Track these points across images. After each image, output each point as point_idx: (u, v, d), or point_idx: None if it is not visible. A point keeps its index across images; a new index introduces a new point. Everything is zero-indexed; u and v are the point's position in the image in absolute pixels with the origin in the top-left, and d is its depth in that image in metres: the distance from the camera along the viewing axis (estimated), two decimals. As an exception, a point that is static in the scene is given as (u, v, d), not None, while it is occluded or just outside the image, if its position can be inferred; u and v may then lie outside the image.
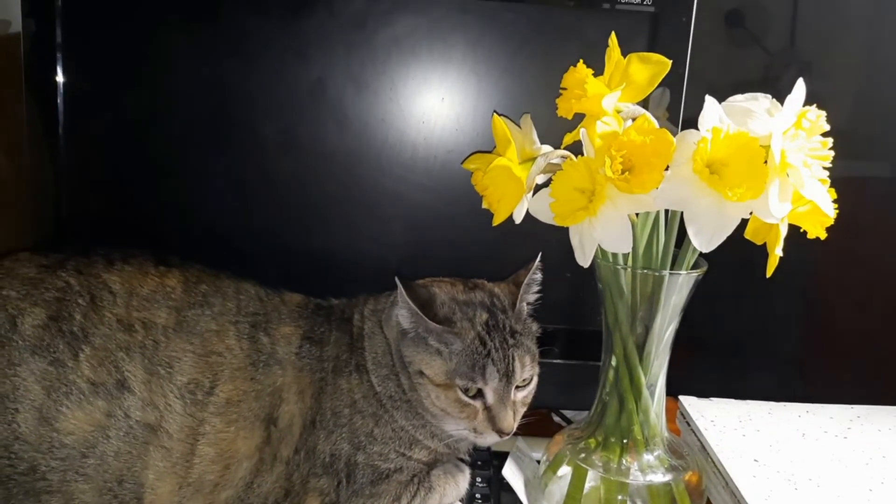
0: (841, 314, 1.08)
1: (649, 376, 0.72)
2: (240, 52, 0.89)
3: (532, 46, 0.89)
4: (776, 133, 0.59)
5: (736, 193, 0.58)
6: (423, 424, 0.77)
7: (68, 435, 0.68)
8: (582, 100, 0.65)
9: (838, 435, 0.86)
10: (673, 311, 0.71)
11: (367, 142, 0.91)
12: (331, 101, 0.90)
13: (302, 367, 0.76)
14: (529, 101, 0.88)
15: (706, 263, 0.70)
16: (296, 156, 0.91)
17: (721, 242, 0.61)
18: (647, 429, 0.74)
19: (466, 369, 0.73)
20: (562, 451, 0.78)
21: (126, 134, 0.91)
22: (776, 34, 1.08)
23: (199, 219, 0.93)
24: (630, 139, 0.61)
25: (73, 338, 0.70)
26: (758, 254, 0.64)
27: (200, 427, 0.71)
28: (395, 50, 0.89)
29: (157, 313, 0.73)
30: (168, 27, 0.89)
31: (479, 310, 0.76)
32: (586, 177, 0.64)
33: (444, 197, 0.91)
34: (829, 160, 0.61)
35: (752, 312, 1.05)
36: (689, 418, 0.88)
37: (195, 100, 0.91)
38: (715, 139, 0.59)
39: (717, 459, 0.80)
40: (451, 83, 0.90)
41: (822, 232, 0.63)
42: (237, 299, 0.77)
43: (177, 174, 0.92)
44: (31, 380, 0.68)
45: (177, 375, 0.72)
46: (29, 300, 0.71)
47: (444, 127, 0.91)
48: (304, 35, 0.88)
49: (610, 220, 0.63)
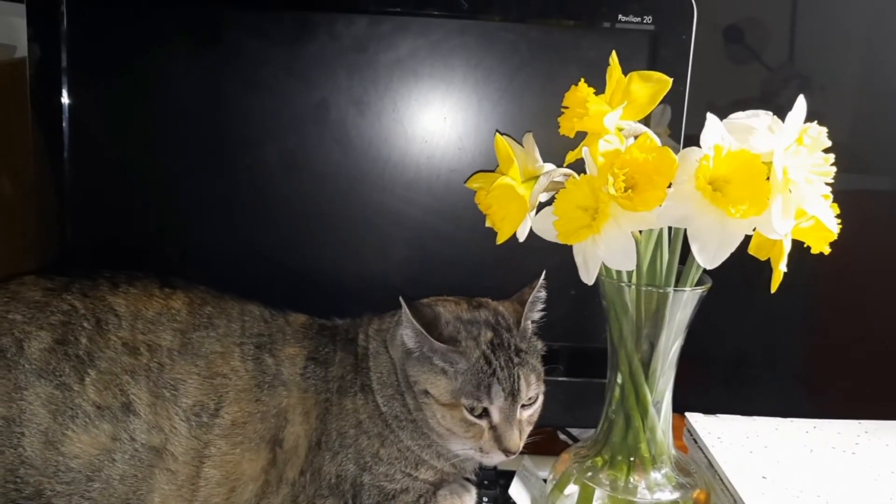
0: (847, 328, 1.07)
1: (655, 393, 0.72)
2: (243, 75, 0.90)
3: (532, 66, 0.90)
4: (778, 150, 0.59)
5: (739, 210, 0.58)
6: (428, 444, 0.77)
7: (74, 458, 0.68)
8: (584, 118, 0.65)
9: (846, 451, 0.86)
10: (678, 327, 0.71)
11: (371, 162, 0.91)
12: (334, 122, 0.90)
13: (307, 388, 0.76)
14: (531, 120, 0.89)
15: (710, 280, 0.70)
16: (299, 177, 0.92)
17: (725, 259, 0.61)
18: (653, 446, 0.73)
19: (472, 388, 0.73)
20: (568, 470, 0.77)
21: (131, 157, 0.92)
22: (776, 49, 1.08)
23: (204, 241, 0.93)
24: (632, 157, 0.61)
25: (78, 361, 0.70)
26: (762, 269, 0.64)
27: (206, 449, 0.71)
28: (397, 71, 0.89)
29: (162, 336, 0.73)
30: (172, 52, 0.90)
31: (484, 328, 0.76)
32: (589, 195, 0.64)
33: (447, 216, 0.92)
34: (832, 176, 0.62)
35: (758, 328, 1.05)
36: (696, 435, 0.88)
37: (199, 123, 0.91)
38: (717, 157, 0.59)
39: (725, 477, 0.79)
40: (452, 103, 0.90)
41: (826, 247, 0.63)
42: (242, 321, 0.78)
43: (181, 196, 0.93)
44: (37, 403, 0.68)
45: (182, 398, 0.72)
46: (35, 324, 0.71)
47: (447, 146, 0.91)
48: (307, 58, 0.89)
49: (613, 237, 0.63)
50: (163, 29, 0.89)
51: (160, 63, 0.90)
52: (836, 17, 1.08)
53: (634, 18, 0.87)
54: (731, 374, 1.06)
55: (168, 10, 0.89)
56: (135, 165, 0.92)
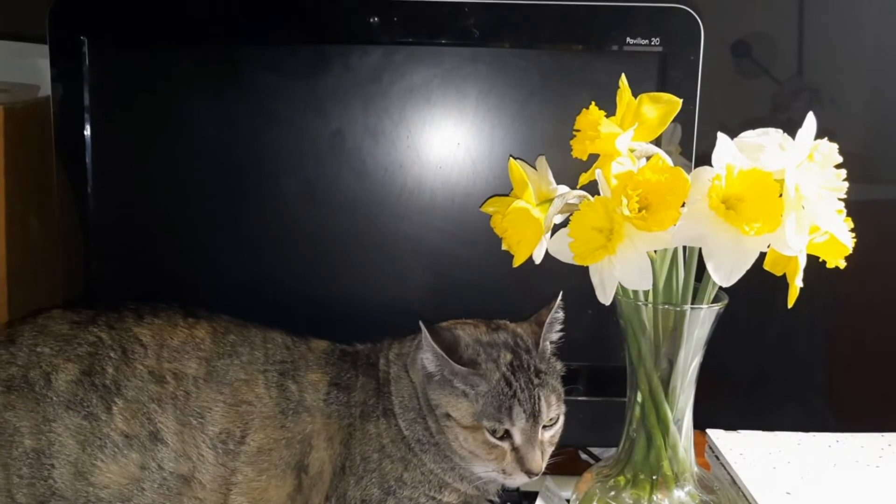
0: (866, 339, 1.07)
1: (676, 411, 0.72)
2: (261, 109, 0.92)
3: (544, 91, 0.91)
4: (789, 167, 0.60)
5: (753, 228, 0.59)
6: (451, 467, 0.77)
7: (104, 489, 0.69)
8: (596, 140, 0.66)
9: (870, 464, 0.85)
10: (696, 344, 0.71)
11: (386, 189, 0.92)
12: (349, 151, 0.91)
13: (330, 414, 0.77)
14: (543, 144, 0.89)
15: (727, 296, 0.70)
16: (317, 206, 0.93)
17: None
18: (676, 464, 0.73)
19: (493, 410, 0.73)
20: (591, 490, 0.77)
21: (153, 192, 0.94)
22: (784, 63, 1.09)
23: (227, 272, 0.94)
24: (645, 178, 0.62)
25: (105, 391, 0.71)
26: (779, 284, 0.64)
27: (233, 476, 0.72)
28: (411, 100, 0.91)
29: (188, 364, 0.74)
30: (191, 89, 0.92)
31: (504, 350, 0.77)
32: (604, 216, 0.64)
33: (463, 240, 0.92)
34: (844, 191, 0.62)
35: (777, 342, 1.04)
36: (718, 452, 0.88)
37: (219, 157, 0.93)
38: (729, 176, 0.59)
39: (748, 493, 0.79)
40: (466, 129, 0.92)
41: (841, 262, 0.63)
42: (265, 348, 0.79)
43: (203, 229, 0.94)
44: (65, 435, 0.69)
45: (208, 425, 0.72)
46: (62, 356, 0.73)
47: (461, 172, 0.92)
48: (323, 90, 0.90)
49: (629, 257, 0.63)
50: (182, 67, 0.91)
51: (180, 100, 0.92)
52: (844, 28, 1.09)
53: (642, 41, 0.88)
54: (751, 389, 1.06)
55: (186, 49, 0.91)
56: (157, 200, 0.94)
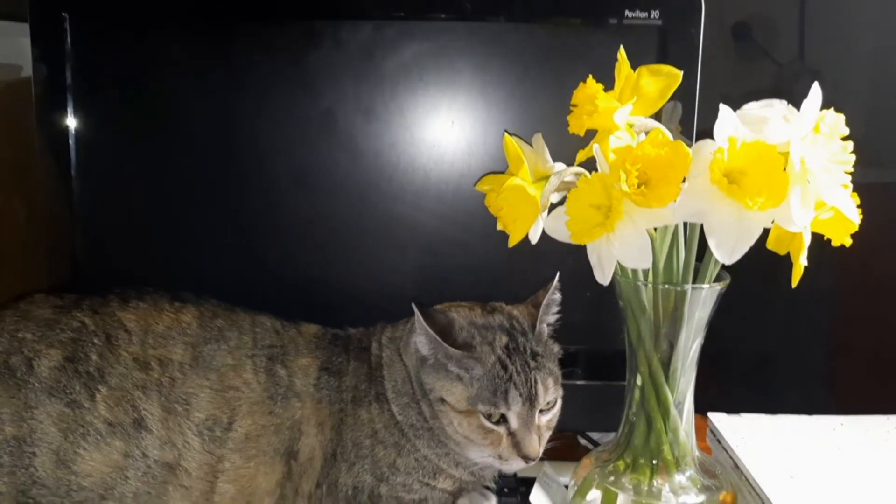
0: (871, 321, 1.05)
1: (676, 394, 0.71)
2: (249, 88, 0.90)
3: (540, 67, 0.89)
4: (794, 139, 0.58)
5: (756, 203, 0.57)
6: (446, 453, 0.76)
7: (86, 477, 0.67)
8: (593, 115, 0.64)
9: (876, 447, 0.84)
10: (697, 325, 0.70)
11: (379, 170, 0.90)
12: (341, 131, 0.90)
13: (321, 399, 0.75)
14: (540, 121, 0.87)
15: (729, 276, 0.69)
16: (308, 187, 0.91)
17: (744, 254, 0.59)
18: (676, 448, 0.72)
19: (488, 395, 0.72)
20: (590, 475, 0.76)
21: (139, 174, 0.92)
22: (785, 43, 1.07)
23: (215, 255, 0.92)
24: (644, 152, 0.60)
25: (89, 378, 0.70)
26: (782, 264, 0.62)
27: (220, 464, 0.70)
28: (403, 77, 0.89)
29: (173, 350, 0.73)
30: (177, 67, 0.90)
31: (499, 333, 0.75)
32: (601, 193, 0.62)
33: (458, 221, 0.91)
34: (851, 164, 0.60)
35: (780, 324, 1.03)
36: (720, 436, 0.86)
37: (207, 138, 0.91)
38: (731, 148, 0.57)
39: (751, 477, 0.78)
40: (460, 107, 0.90)
41: (847, 239, 0.61)
42: (253, 332, 0.77)
43: (190, 212, 0.92)
44: (47, 422, 0.68)
45: (194, 412, 0.71)
46: (45, 342, 0.71)
47: (456, 151, 0.90)
48: (312, 68, 0.88)
49: (628, 235, 0.61)
50: (167, 44, 0.89)
51: (165, 79, 0.90)
52: (846, 9, 1.07)
53: (641, 13, 0.86)
54: (753, 371, 1.04)
55: (172, 26, 0.89)
56: (143, 182, 0.92)
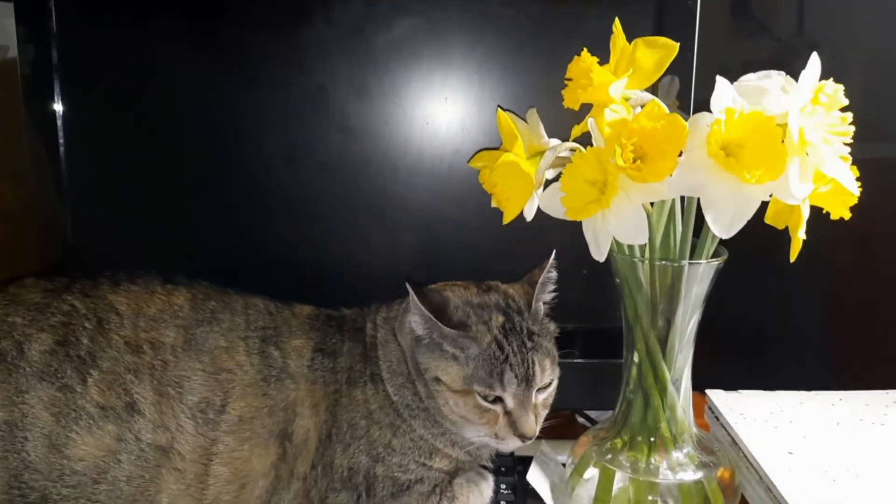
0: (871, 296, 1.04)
1: (674, 371, 0.70)
2: (239, 65, 0.88)
3: (534, 40, 0.88)
4: (793, 110, 0.57)
5: (754, 175, 0.56)
6: (442, 432, 0.75)
7: (79, 461, 0.67)
8: (588, 89, 0.63)
9: (875, 422, 0.83)
10: (694, 302, 0.69)
11: (372, 147, 0.89)
12: (333, 108, 0.88)
13: (315, 380, 0.74)
14: (535, 97, 0.86)
15: (726, 251, 0.68)
16: (300, 166, 0.90)
17: (741, 228, 0.58)
18: (674, 425, 0.72)
19: (484, 375, 0.71)
20: (587, 453, 0.76)
21: (129, 154, 0.90)
22: (784, 17, 1.05)
23: (207, 236, 0.92)
24: (640, 126, 0.59)
25: (80, 362, 0.69)
26: (780, 238, 0.62)
27: (213, 447, 0.70)
28: (396, 53, 0.87)
29: (165, 333, 0.72)
30: (165, 45, 0.88)
31: (495, 312, 0.74)
32: (597, 168, 0.61)
33: (452, 198, 0.90)
34: (850, 136, 0.59)
35: (778, 299, 1.02)
36: (718, 413, 0.86)
37: (197, 116, 0.90)
38: (729, 120, 0.57)
39: (749, 454, 0.77)
40: (453, 83, 0.88)
41: (846, 212, 0.60)
42: (246, 314, 0.76)
43: (181, 192, 0.91)
44: (39, 407, 0.67)
45: (187, 395, 0.70)
46: (35, 326, 0.70)
47: (449, 128, 0.89)
48: (303, 44, 0.87)
49: (624, 211, 0.61)
50: (155, 22, 0.88)
51: (153, 57, 0.88)
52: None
53: (637, -15, 0.85)
54: (751, 348, 1.03)
55: (159, 3, 0.87)
56: (133, 162, 0.90)
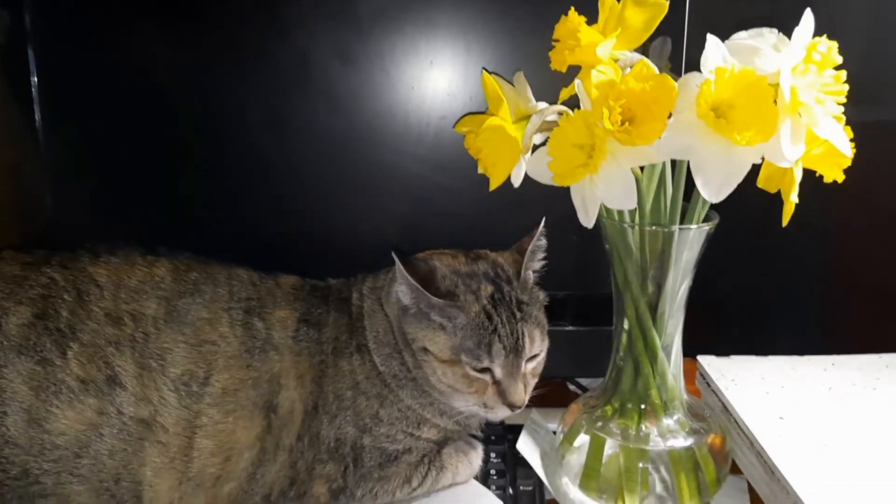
0: (863, 259, 1.03)
1: (664, 337, 0.69)
2: (219, 33, 0.86)
3: (521, 3, 0.85)
4: (785, 69, 0.55)
5: (745, 137, 0.54)
6: (430, 402, 0.74)
7: (60, 435, 0.66)
8: (575, 50, 0.61)
9: (867, 386, 0.83)
10: (685, 267, 0.68)
11: (357, 114, 0.88)
12: (316, 75, 0.87)
13: (300, 351, 0.73)
14: (522, 60, 0.84)
15: (717, 216, 0.67)
16: (284, 134, 0.88)
17: (732, 192, 0.57)
18: (664, 392, 0.71)
19: (472, 345, 0.70)
20: (578, 421, 0.75)
21: (108, 127, 0.88)
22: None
23: (190, 207, 0.90)
24: (629, 87, 0.57)
25: (60, 335, 0.67)
26: (772, 202, 0.60)
27: (197, 419, 0.69)
28: (381, 17, 0.85)
29: (147, 304, 0.70)
30: (144, 13, 0.86)
31: (484, 282, 0.73)
32: (584, 131, 0.60)
33: (439, 165, 0.88)
34: (844, 95, 0.57)
35: (770, 263, 1.01)
36: (709, 379, 0.85)
37: (176, 86, 0.88)
38: (719, 80, 0.55)
39: (740, 420, 0.77)
40: (439, 46, 0.86)
41: (840, 174, 0.59)
42: (229, 285, 0.75)
43: (163, 163, 0.90)
44: (18, 381, 0.66)
45: (169, 367, 0.69)
46: (13, 299, 0.69)
47: (436, 92, 0.87)
48: (284, 10, 0.85)
49: (612, 175, 0.59)
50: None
51: (132, 25, 0.86)
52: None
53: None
54: (743, 313, 1.03)
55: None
56: (113, 135, 0.89)
